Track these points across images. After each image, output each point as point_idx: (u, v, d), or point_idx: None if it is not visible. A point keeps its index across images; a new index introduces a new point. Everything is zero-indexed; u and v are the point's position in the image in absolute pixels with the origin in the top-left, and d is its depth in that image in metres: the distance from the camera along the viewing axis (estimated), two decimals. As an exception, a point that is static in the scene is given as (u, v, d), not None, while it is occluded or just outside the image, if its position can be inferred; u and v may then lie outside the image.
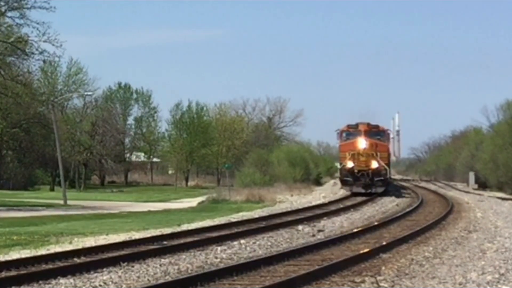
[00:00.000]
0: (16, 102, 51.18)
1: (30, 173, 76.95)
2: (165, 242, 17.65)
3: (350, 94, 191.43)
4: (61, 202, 44.90)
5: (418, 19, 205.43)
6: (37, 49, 45.26)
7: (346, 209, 30.92)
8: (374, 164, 38.98)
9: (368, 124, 41.11)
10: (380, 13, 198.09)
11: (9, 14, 48.59)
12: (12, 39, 45.79)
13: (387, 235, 20.38)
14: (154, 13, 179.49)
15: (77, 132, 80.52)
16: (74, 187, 77.63)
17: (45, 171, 79.76)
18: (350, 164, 39.32)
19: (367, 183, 39.06)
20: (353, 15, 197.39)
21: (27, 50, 45.67)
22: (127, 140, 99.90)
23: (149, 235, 19.31)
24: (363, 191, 38.95)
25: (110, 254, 15.11)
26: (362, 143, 39.45)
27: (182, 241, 17.68)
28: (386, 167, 39.86)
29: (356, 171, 39.09)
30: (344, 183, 41.46)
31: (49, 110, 56.33)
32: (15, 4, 47.47)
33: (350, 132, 41.40)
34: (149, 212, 34.99)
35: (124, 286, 11.40)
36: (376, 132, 41.64)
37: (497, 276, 11.99)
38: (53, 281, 11.63)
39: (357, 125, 41.17)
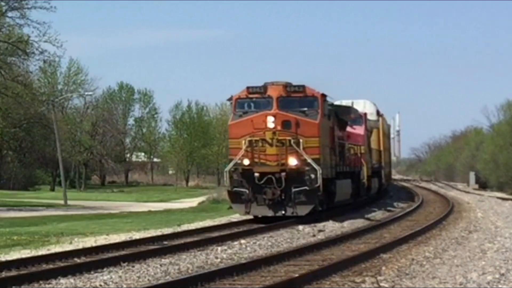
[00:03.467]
0: (16, 102, 51.18)
1: (31, 173, 77.03)
2: (165, 242, 17.64)
3: (349, 94, 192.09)
4: (62, 202, 45.00)
5: (418, 19, 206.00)
6: (37, 49, 45.35)
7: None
8: (292, 161, 21.39)
9: (287, 86, 22.17)
10: (380, 13, 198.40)
11: (9, 14, 48.73)
12: (13, 39, 45.89)
13: (388, 235, 20.41)
14: (154, 13, 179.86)
15: (78, 132, 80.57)
16: (75, 187, 77.72)
17: (45, 171, 79.85)
18: (246, 161, 21.64)
19: (276, 198, 21.39)
20: (353, 15, 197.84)
21: (27, 50, 45.74)
22: (127, 140, 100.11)
23: (149, 235, 19.31)
24: (270, 213, 21.73)
25: (111, 254, 15.11)
26: (269, 120, 21.39)
27: (182, 241, 17.67)
28: (315, 166, 21.19)
29: (257, 175, 21.40)
30: (234, 198, 22.22)
31: (49, 110, 56.35)
32: (16, 4, 47.54)
33: (252, 100, 22.65)
34: (150, 212, 35.03)
35: (124, 286, 11.39)
36: (303, 101, 22.51)
37: (497, 276, 11.95)
38: (54, 281, 11.63)
39: (264, 87, 22.17)
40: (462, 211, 31.76)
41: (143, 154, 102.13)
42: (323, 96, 22.83)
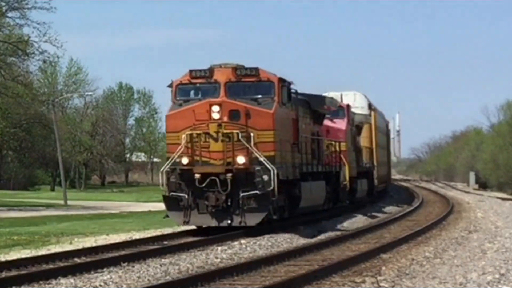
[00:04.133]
0: (16, 102, 51.26)
1: (31, 173, 77.06)
2: (165, 242, 17.64)
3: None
4: (62, 202, 44.99)
5: (418, 18, 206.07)
6: (37, 50, 45.38)
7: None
8: (240, 160, 17.54)
9: (237, 69, 18.50)
10: (380, 13, 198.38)
11: (9, 14, 48.87)
12: (13, 40, 45.95)
13: (388, 235, 20.43)
14: (154, 13, 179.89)
15: (78, 132, 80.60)
16: (75, 187, 77.76)
17: (45, 171, 79.88)
18: (185, 160, 17.79)
19: (220, 205, 17.64)
20: (353, 14, 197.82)
21: (27, 51, 45.76)
22: (127, 140, 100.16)
23: (149, 235, 19.30)
24: (213, 223, 18.08)
25: (111, 254, 15.11)
26: (214, 110, 17.54)
27: (182, 241, 17.65)
28: (269, 165, 17.33)
29: (198, 176, 17.53)
30: (171, 204, 18.30)
31: (49, 110, 56.45)
32: (16, 4, 47.63)
33: (196, 86, 18.97)
34: (150, 212, 34.99)
35: (124, 286, 11.39)
36: (257, 86, 18.74)
37: (497, 276, 11.92)
38: (54, 281, 11.63)
39: (210, 70, 18.50)
40: (462, 211, 31.74)
41: (143, 154, 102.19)
42: (281, 81, 18.86)
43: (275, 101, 18.42)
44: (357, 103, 33.67)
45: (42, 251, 16.27)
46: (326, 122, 26.13)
